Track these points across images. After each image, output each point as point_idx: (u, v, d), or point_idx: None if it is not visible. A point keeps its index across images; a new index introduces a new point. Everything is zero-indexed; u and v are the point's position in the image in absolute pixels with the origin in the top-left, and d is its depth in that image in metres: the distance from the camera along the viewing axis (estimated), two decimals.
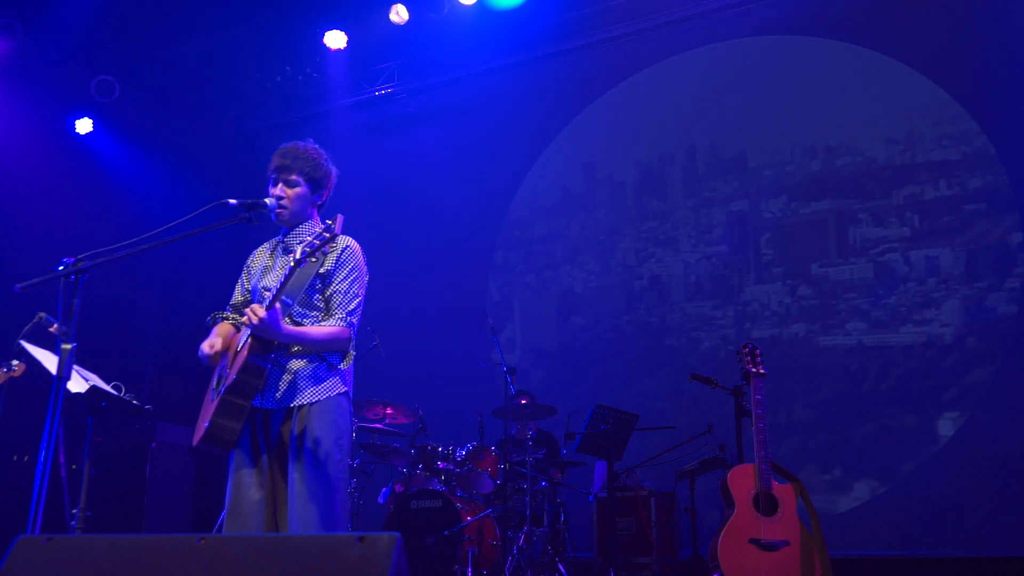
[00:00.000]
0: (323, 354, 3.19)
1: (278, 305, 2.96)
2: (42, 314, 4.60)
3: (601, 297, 7.39)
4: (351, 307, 3.21)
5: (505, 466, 5.91)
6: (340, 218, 3.04)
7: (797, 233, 6.67)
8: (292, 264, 2.96)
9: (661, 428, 5.79)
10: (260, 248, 3.50)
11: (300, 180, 3.30)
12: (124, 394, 4.24)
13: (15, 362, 5.20)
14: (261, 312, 2.93)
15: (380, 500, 6.27)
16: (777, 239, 6.77)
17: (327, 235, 2.95)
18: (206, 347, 3.23)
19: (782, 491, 4.40)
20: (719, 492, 4.54)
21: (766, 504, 4.36)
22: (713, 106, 7.18)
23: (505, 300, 7.84)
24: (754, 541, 4.27)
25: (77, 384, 4.00)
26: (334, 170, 3.42)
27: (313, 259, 2.97)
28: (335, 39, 7.88)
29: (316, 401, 3.14)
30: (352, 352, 3.28)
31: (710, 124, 7.15)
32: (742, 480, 4.42)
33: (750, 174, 6.95)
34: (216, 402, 3.05)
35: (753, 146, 6.97)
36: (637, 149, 7.45)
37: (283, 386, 3.14)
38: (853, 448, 6.24)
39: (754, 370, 4.68)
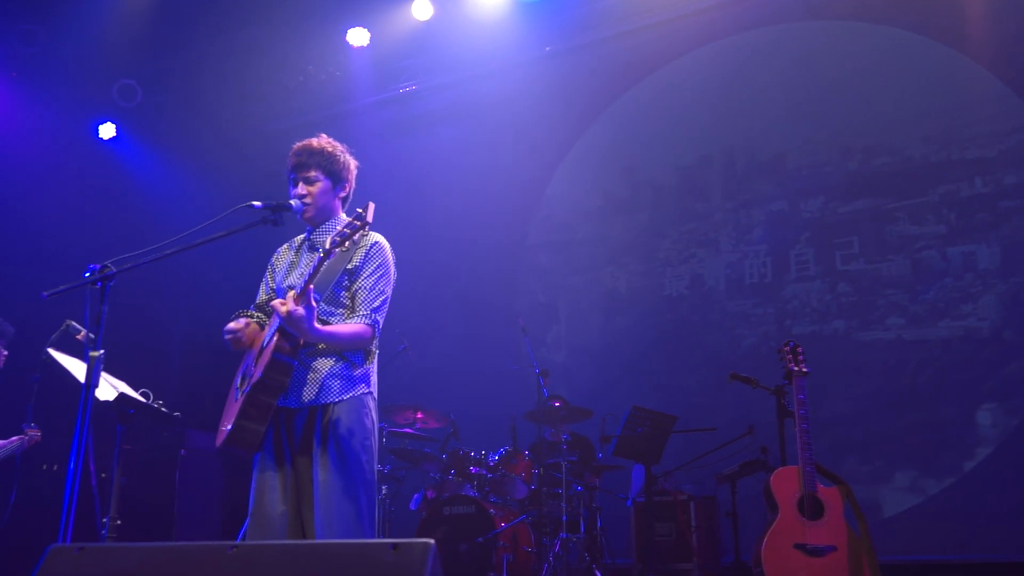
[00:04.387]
0: (345, 353, 3.17)
1: (313, 303, 2.95)
2: (69, 321, 4.67)
3: (643, 297, 7.50)
4: (376, 304, 3.19)
5: (539, 471, 5.90)
6: (372, 206, 3.01)
7: (835, 232, 6.76)
8: (321, 255, 2.95)
9: (700, 430, 5.74)
10: (284, 246, 3.51)
11: (319, 175, 3.30)
12: (152, 401, 4.29)
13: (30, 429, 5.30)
14: (291, 305, 2.91)
15: (412, 506, 6.29)
16: (816, 238, 6.85)
17: (358, 223, 2.93)
18: (232, 324, 3.22)
19: (828, 494, 4.35)
20: (761, 496, 4.50)
21: (811, 508, 4.31)
22: (750, 106, 7.25)
23: (550, 301, 7.96)
24: (799, 546, 4.23)
25: (106, 391, 4.05)
26: (353, 161, 3.42)
27: (343, 248, 2.95)
28: (358, 37, 7.92)
29: (341, 400, 3.13)
30: (375, 351, 3.27)
31: (748, 126, 7.24)
32: (786, 483, 4.37)
33: (788, 175, 7.04)
34: (241, 401, 3.04)
35: (791, 147, 7.05)
36: (677, 152, 7.55)
37: (307, 385, 3.13)
38: (894, 440, 6.30)
39: (796, 368, 4.63)
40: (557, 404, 6.14)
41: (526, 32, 7.78)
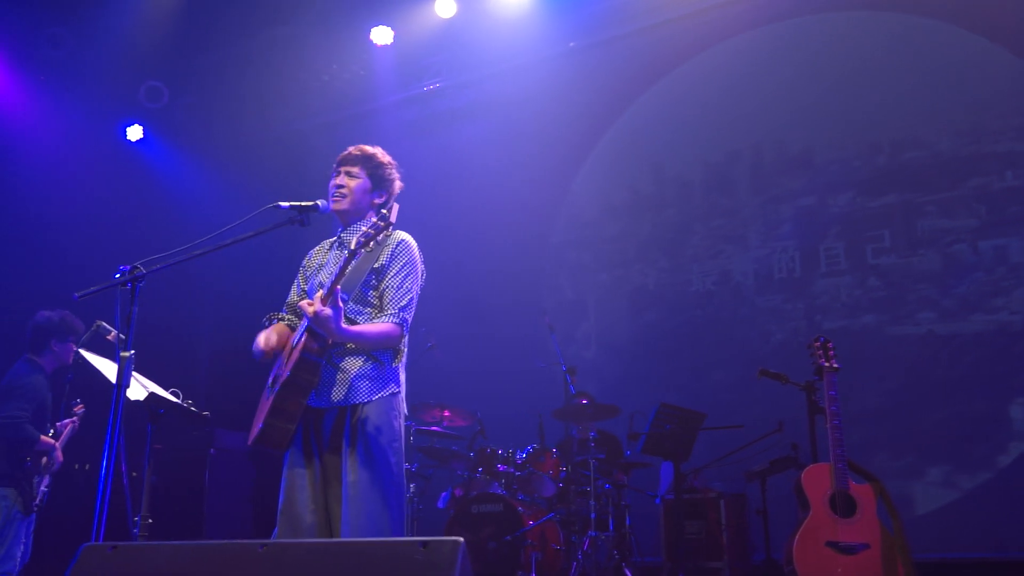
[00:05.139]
0: (374, 352, 3.20)
1: (340, 303, 2.98)
2: (100, 322, 4.73)
3: (672, 293, 7.51)
4: (403, 303, 3.22)
5: (567, 468, 5.90)
6: (396, 206, 3.07)
7: (865, 226, 6.73)
8: (347, 255, 2.98)
9: (729, 427, 5.70)
10: (317, 247, 3.55)
11: (362, 173, 3.36)
12: (182, 400, 4.33)
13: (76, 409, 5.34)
14: (318, 305, 2.94)
15: (440, 504, 6.30)
16: (845, 232, 6.82)
17: (382, 224, 2.97)
18: (261, 341, 3.26)
19: (860, 491, 4.31)
20: (792, 493, 4.47)
21: (843, 505, 4.28)
22: (776, 100, 7.22)
23: (579, 298, 7.97)
24: (831, 544, 4.19)
25: (136, 391, 4.10)
26: (399, 180, 3.46)
27: (368, 249, 2.98)
28: (381, 35, 7.94)
29: (369, 400, 3.16)
30: (403, 350, 3.29)
31: (775, 120, 7.21)
32: (817, 480, 4.34)
33: (816, 170, 7.01)
34: (271, 400, 3.08)
35: (819, 142, 7.03)
36: (703, 148, 7.53)
37: (336, 385, 3.16)
38: (926, 435, 6.26)
39: (827, 364, 4.60)
40: (584, 401, 6.13)
41: (549, 28, 7.77)
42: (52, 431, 5.36)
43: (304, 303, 3.02)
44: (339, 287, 2.97)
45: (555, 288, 8.08)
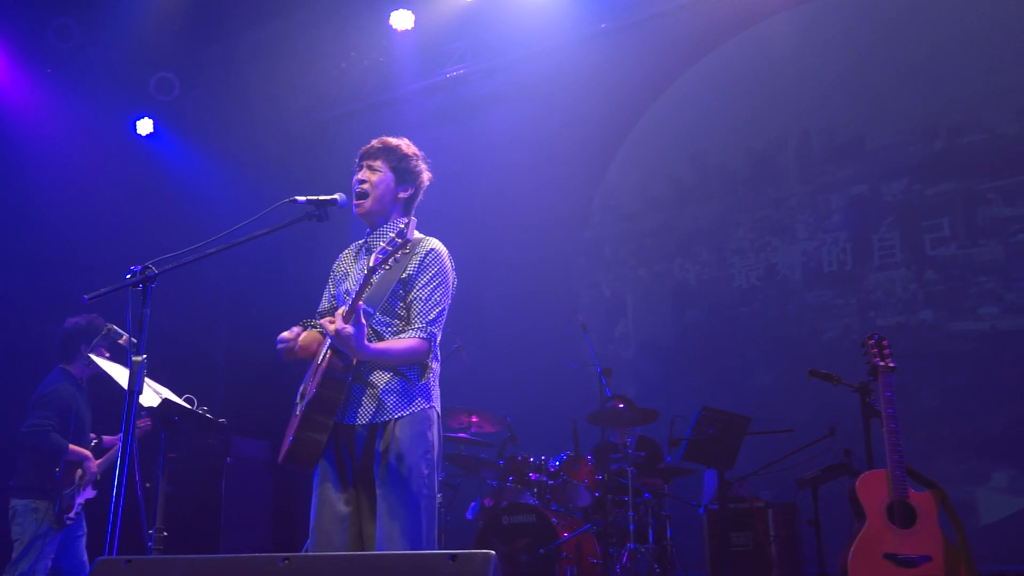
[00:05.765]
0: (400, 368, 3.22)
1: (363, 321, 3.00)
2: (111, 325, 4.78)
3: (715, 289, 7.48)
4: (431, 316, 3.23)
5: (604, 477, 5.88)
6: (413, 220, 3.09)
7: (921, 216, 6.67)
8: (366, 272, 3.02)
9: (777, 432, 5.66)
10: (346, 251, 3.56)
11: (384, 167, 3.36)
12: (197, 407, 4.37)
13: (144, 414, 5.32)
14: (339, 323, 2.98)
15: (469, 515, 6.31)
16: (900, 222, 6.76)
17: (399, 240, 2.99)
18: (286, 332, 3.27)
19: (920, 500, 4.26)
20: (846, 502, 4.43)
21: (902, 515, 4.23)
22: (824, 83, 7.17)
23: (617, 296, 7.96)
24: (890, 556, 4.14)
25: (149, 398, 4.14)
26: (426, 171, 3.46)
27: (387, 267, 3.01)
28: (401, 20, 7.96)
29: (401, 416, 3.19)
30: (432, 365, 3.29)
31: (823, 105, 7.17)
32: (873, 488, 4.30)
33: (868, 157, 6.96)
34: (298, 418, 3.13)
35: (870, 127, 6.96)
36: (747, 135, 7.50)
37: (367, 401, 3.20)
38: (990, 437, 6.18)
39: (882, 364, 4.54)
40: (621, 405, 6.11)
41: (579, 8, 7.75)
42: (96, 441, 5.42)
43: (325, 321, 3.07)
44: (361, 303, 3.01)
45: (591, 285, 8.07)
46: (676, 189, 7.80)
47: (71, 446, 5.22)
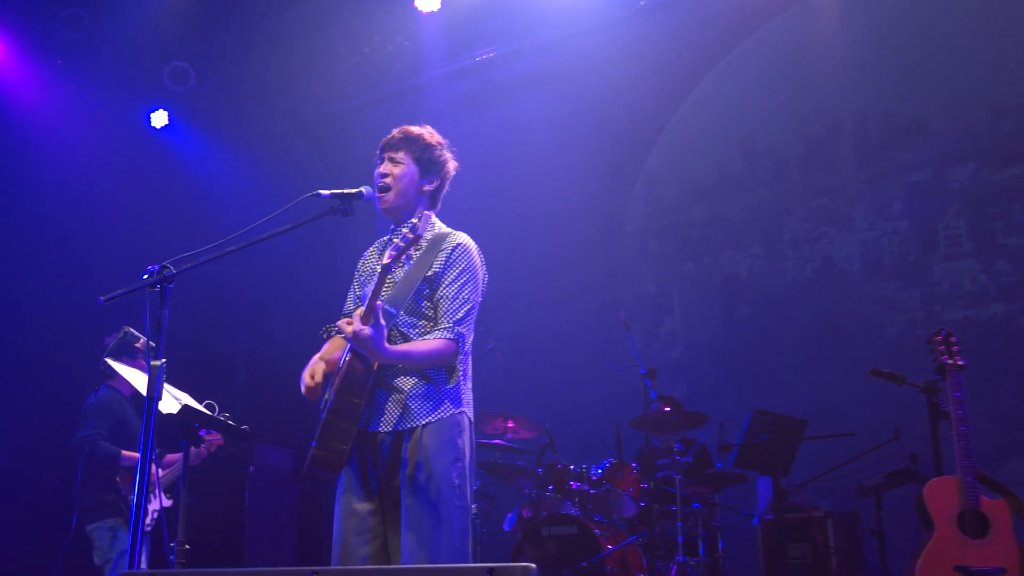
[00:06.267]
0: (426, 371, 3.22)
1: (382, 322, 3.02)
2: (128, 328, 4.85)
3: (768, 284, 7.47)
4: (459, 315, 3.23)
5: (650, 485, 5.87)
6: (428, 215, 3.12)
7: (990, 202, 6.62)
8: (380, 270, 3.05)
9: (837, 436, 5.62)
10: (371, 249, 3.58)
11: (407, 159, 3.37)
12: (218, 413, 4.41)
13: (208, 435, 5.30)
14: (357, 324, 2.99)
15: (505, 527, 6.33)
16: (966, 210, 6.72)
17: (411, 236, 3.03)
18: (306, 377, 3.28)
19: (993, 508, 4.24)
20: (913, 511, 4.42)
21: (974, 524, 4.20)
22: (883, 62, 7.12)
23: (662, 291, 7.99)
24: (961, 569, 4.11)
25: (168, 404, 4.18)
26: (451, 161, 3.47)
27: (400, 264, 3.03)
28: (427, 1, 7.97)
29: (429, 422, 3.19)
30: (459, 367, 3.29)
31: (882, 85, 7.13)
32: (942, 496, 4.28)
33: (931, 140, 6.92)
34: (320, 424, 3.15)
35: (933, 109, 6.92)
36: (800, 118, 7.49)
37: (391, 407, 3.21)
38: None
39: (950, 361, 4.51)
40: (667, 408, 6.09)
41: None
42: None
43: (342, 323, 3.11)
44: (379, 303, 3.03)
45: (634, 281, 8.08)
46: (724, 177, 7.78)
47: (124, 452, 5.35)
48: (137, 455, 5.28)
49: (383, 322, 3.03)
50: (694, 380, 7.47)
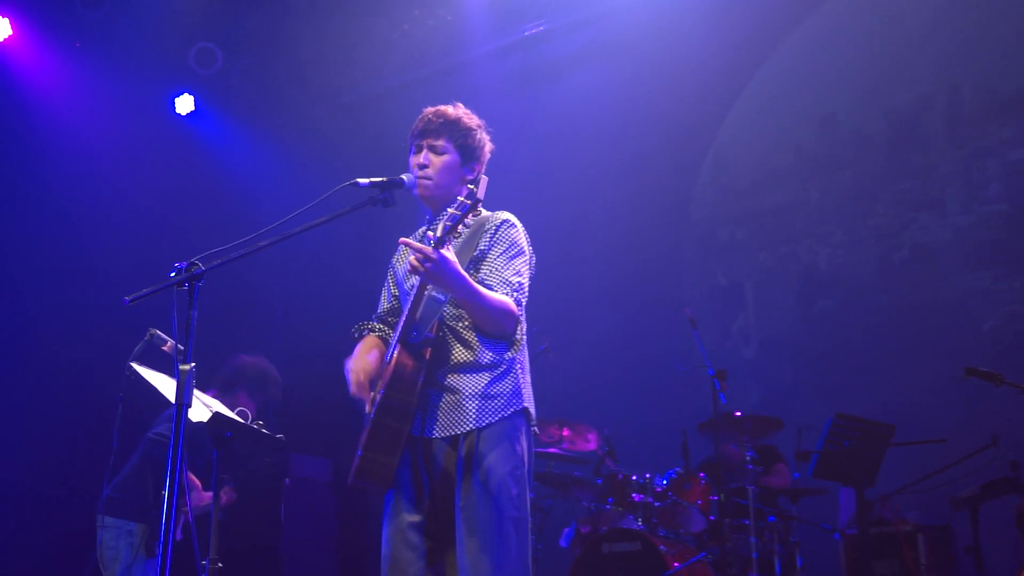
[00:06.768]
0: (485, 345, 3.22)
1: (450, 249, 2.99)
2: (154, 330, 4.92)
3: (852, 274, 7.46)
4: (513, 281, 3.24)
5: (720, 497, 5.86)
6: (484, 179, 3.11)
7: None
8: (433, 244, 3.01)
9: (927, 442, 5.57)
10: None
11: (449, 147, 3.39)
12: (251, 421, 4.48)
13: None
14: (429, 250, 2.94)
15: (562, 543, 6.36)
16: None
17: (469, 202, 2.97)
18: (358, 374, 3.31)
19: None
20: (1012, 524, 4.35)
21: None
22: (980, 29, 7.06)
23: (733, 285, 8.00)
24: None
25: (198, 411, 4.25)
26: (488, 143, 3.49)
27: (457, 235, 3.00)
28: None
29: (486, 425, 3.20)
30: (521, 340, 3.32)
31: (978, 54, 7.06)
32: None
33: None
34: (367, 428, 3.17)
35: None
36: (886, 92, 7.44)
37: (445, 410, 3.22)
38: None
39: None
40: (739, 413, 6.07)
41: None
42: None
43: (412, 259, 3.01)
44: (444, 251, 2.98)
45: (701, 273, 8.09)
46: (801, 158, 7.76)
47: (191, 474, 5.37)
48: (194, 479, 5.36)
49: (450, 249, 3.00)
50: (769, 381, 7.47)
